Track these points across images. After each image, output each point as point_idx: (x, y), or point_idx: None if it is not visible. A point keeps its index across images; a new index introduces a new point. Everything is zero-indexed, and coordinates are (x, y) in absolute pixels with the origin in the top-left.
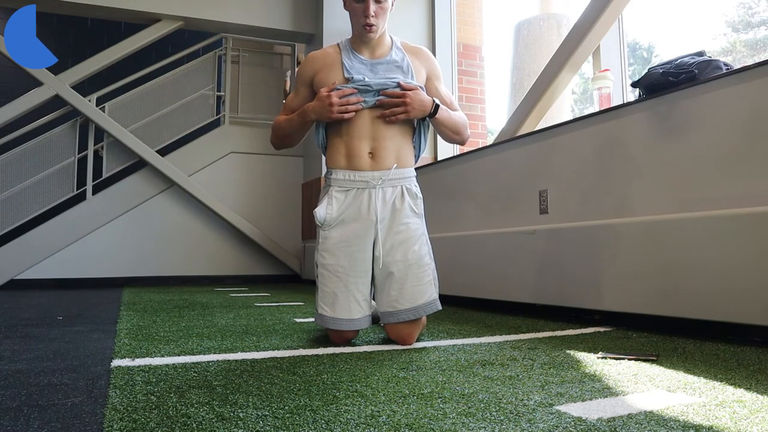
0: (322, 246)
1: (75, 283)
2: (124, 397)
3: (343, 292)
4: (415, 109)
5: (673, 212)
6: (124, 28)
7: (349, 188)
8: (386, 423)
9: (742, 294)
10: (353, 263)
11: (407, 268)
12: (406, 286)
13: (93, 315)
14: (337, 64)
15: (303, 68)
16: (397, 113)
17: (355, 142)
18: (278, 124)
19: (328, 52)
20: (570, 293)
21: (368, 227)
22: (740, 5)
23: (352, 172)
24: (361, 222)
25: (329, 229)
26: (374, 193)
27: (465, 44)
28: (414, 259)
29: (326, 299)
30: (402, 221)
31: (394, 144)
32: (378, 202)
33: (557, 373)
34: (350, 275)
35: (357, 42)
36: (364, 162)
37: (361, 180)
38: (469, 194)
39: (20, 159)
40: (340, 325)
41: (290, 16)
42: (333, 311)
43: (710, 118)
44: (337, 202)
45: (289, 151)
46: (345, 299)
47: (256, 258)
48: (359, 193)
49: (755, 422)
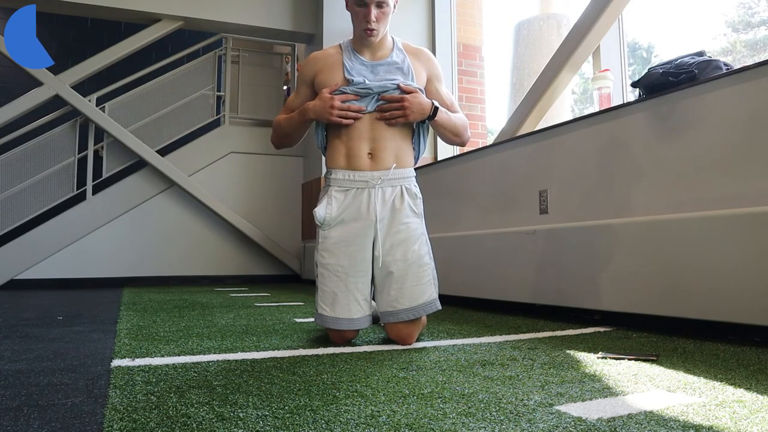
0: (322, 246)
1: (75, 283)
2: (124, 397)
3: (343, 291)
4: (414, 112)
5: (673, 212)
6: (124, 28)
7: (349, 188)
8: (386, 423)
9: (742, 294)
10: (353, 263)
11: (407, 268)
12: (406, 286)
13: (93, 315)
14: (338, 64)
15: (304, 68)
16: (396, 116)
17: (354, 143)
18: (278, 123)
19: (329, 53)
20: (570, 293)
21: (368, 227)
22: (740, 5)
23: (352, 172)
24: (361, 221)
25: (329, 229)
26: (374, 193)
27: (465, 44)
28: (413, 258)
29: (326, 299)
30: (402, 221)
31: (394, 144)
32: (377, 201)
33: (557, 373)
34: (350, 275)
35: (358, 43)
36: (363, 162)
37: (360, 180)
38: (469, 194)
39: (20, 159)
40: (340, 324)
41: (290, 16)
42: (333, 311)
43: (710, 118)
44: (336, 202)
45: (289, 151)
46: (345, 299)
47: (256, 258)
48: (359, 192)
49: (755, 422)
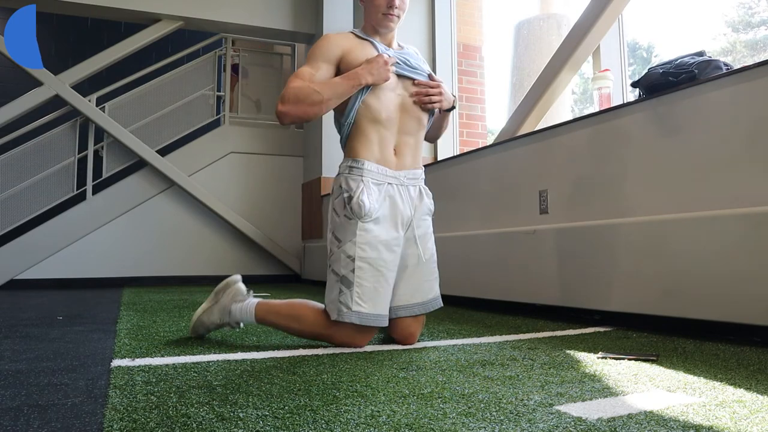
0: (362, 239)
1: (75, 283)
2: (124, 397)
3: (385, 287)
4: (446, 100)
5: (672, 212)
6: (124, 28)
7: (382, 182)
8: (386, 423)
9: (741, 294)
10: (394, 258)
11: (423, 264)
12: (421, 281)
13: (93, 315)
14: (368, 45)
15: (328, 45)
16: (434, 101)
17: (384, 133)
18: (303, 90)
19: (349, 35)
20: (570, 293)
21: (402, 222)
22: (740, 5)
23: (383, 167)
24: (398, 217)
25: (369, 222)
26: (402, 190)
27: (465, 44)
28: (428, 255)
29: (365, 295)
30: (421, 218)
31: (415, 140)
32: (408, 198)
33: (557, 373)
34: (391, 270)
35: (372, 32)
36: (391, 159)
37: (391, 176)
38: (469, 194)
39: (20, 159)
40: (382, 321)
41: (290, 16)
42: (374, 308)
43: (710, 118)
44: (374, 194)
45: (289, 151)
46: (386, 294)
47: (256, 258)
48: (389, 188)
49: (755, 422)
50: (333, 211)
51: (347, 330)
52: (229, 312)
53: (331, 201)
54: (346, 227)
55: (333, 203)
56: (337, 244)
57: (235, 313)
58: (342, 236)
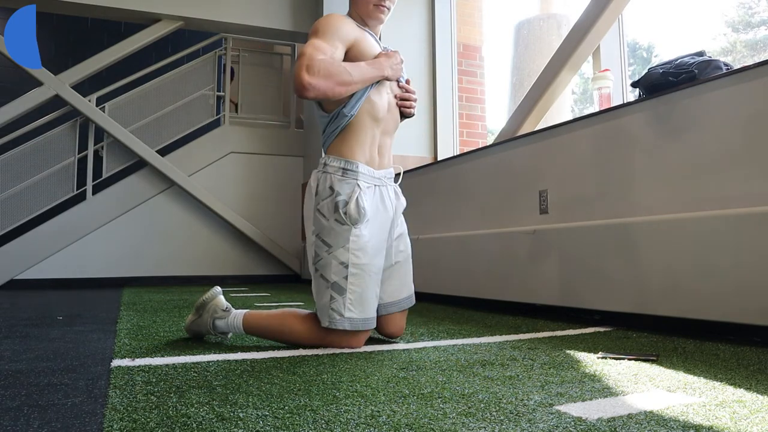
0: (355, 245)
1: (75, 283)
2: (124, 397)
3: (374, 291)
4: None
5: (673, 212)
6: (124, 28)
7: (370, 184)
8: (386, 423)
9: (742, 294)
10: (381, 260)
11: (406, 260)
12: (406, 276)
13: (93, 315)
14: (369, 36)
15: (343, 26)
16: (414, 105)
17: (376, 132)
18: (338, 67)
19: (353, 22)
20: (570, 293)
21: (388, 222)
22: (740, 5)
23: (371, 168)
24: (385, 219)
25: (360, 227)
26: (384, 191)
27: (465, 44)
28: (408, 251)
29: (356, 301)
30: (400, 215)
31: (391, 141)
32: (389, 197)
33: (557, 373)
34: (379, 273)
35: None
36: (375, 159)
37: (377, 177)
38: (469, 194)
39: (20, 159)
40: (371, 324)
41: (290, 16)
42: (363, 312)
43: (710, 118)
44: (369, 198)
45: (289, 151)
46: (375, 298)
47: (256, 258)
48: (376, 190)
49: (755, 422)
50: (318, 213)
51: (340, 335)
52: (213, 327)
53: (315, 201)
54: (337, 232)
55: (319, 204)
56: (326, 249)
57: (221, 328)
58: (332, 241)
